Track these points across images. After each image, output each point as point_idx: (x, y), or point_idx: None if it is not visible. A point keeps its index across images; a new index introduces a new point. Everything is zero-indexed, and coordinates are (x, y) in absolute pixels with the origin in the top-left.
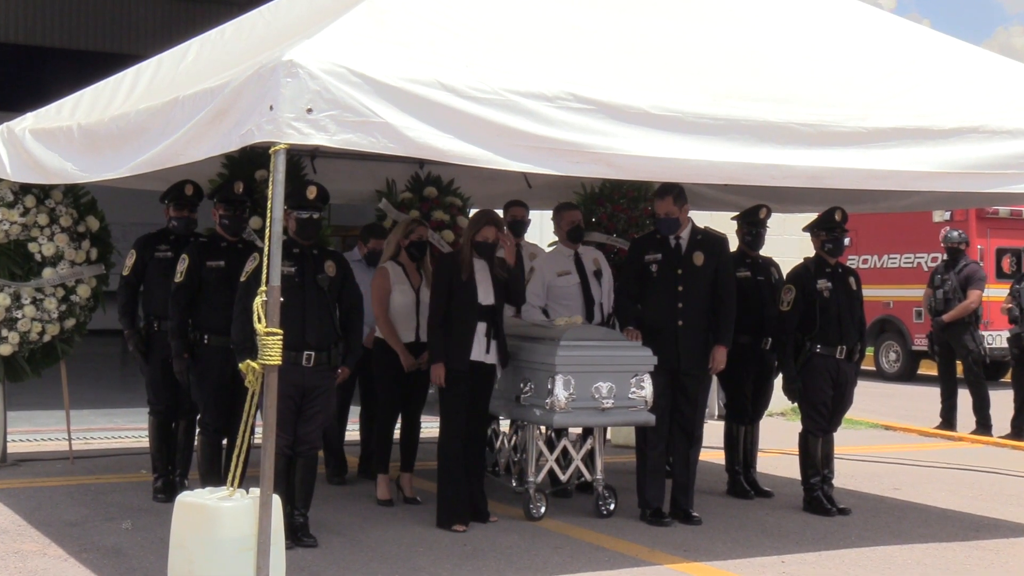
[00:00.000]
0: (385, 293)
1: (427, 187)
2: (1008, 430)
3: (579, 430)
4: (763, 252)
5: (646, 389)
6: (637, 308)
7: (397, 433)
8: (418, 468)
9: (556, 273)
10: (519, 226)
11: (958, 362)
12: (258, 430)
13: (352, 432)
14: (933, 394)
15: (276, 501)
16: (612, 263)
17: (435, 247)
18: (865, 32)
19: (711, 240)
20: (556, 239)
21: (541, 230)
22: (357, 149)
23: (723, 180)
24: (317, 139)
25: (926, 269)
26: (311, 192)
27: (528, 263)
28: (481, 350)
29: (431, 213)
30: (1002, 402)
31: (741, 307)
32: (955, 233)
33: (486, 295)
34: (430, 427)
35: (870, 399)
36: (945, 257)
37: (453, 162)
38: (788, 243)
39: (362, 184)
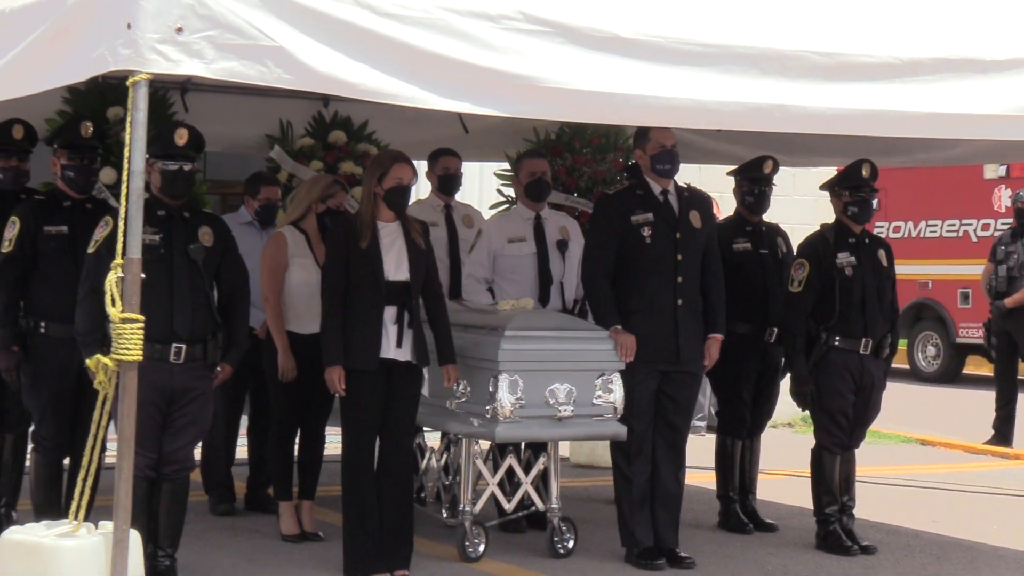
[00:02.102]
0: (279, 267)
1: (333, 131)
2: None
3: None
4: (767, 217)
5: (615, 393)
6: (612, 295)
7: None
8: (322, 494)
9: (507, 238)
10: (450, 181)
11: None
12: (111, 445)
13: (242, 449)
14: (983, 400)
15: (134, 538)
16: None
17: (346, 211)
18: None
19: (699, 198)
20: (504, 200)
21: (480, 187)
22: (242, 81)
23: (716, 125)
24: (189, 67)
25: (975, 239)
26: (181, 137)
27: (464, 228)
28: (390, 344)
29: (338, 165)
30: None
31: (739, 288)
32: None
33: (396, 268)
34: (336, 441)
35: (903, 406)
36: (1013, 223)
37: (367, 99)
38: (800, 206)
39: (248, 127)
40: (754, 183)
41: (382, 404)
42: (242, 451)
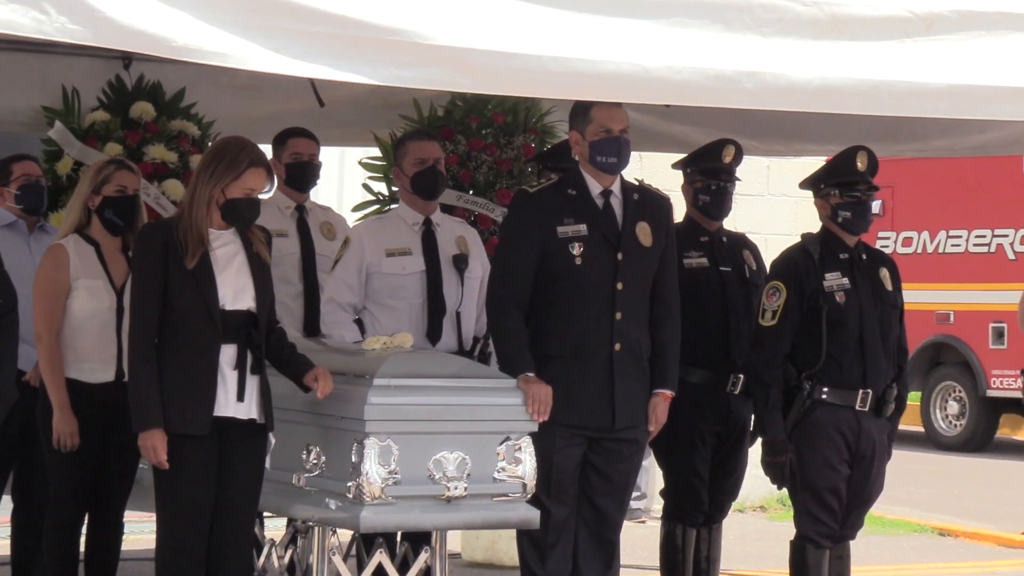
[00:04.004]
0: (58, 292)
1: (137, 103)
2: None
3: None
4: (730, 224)
5: (525, 464)
6: (526, 332)
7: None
8: None
9: (385, 251)
10: (304, 172)
11: None
12: None
13: (2, 541)
14: (1022, 473)
15: None
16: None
17: (152, 211)
18: None
19: (653, 203)
20: (374, 199)
21: (340, 181)
22: (11, 33)
23: (665, 98)
24: None
25: (1012, 256)
26: None
27: (323, 240)
28: (228, 396)
29: (143, 149)
30: None
31: (693, 319)
32: None
33: (236, 293)
34: (142, 532)
35: (915, 483)
36: None
37: (185, 59)
38: (775, 209)
39: (18, 96)
40: (711, 177)
41: (214, 480)
42: (3, 544)
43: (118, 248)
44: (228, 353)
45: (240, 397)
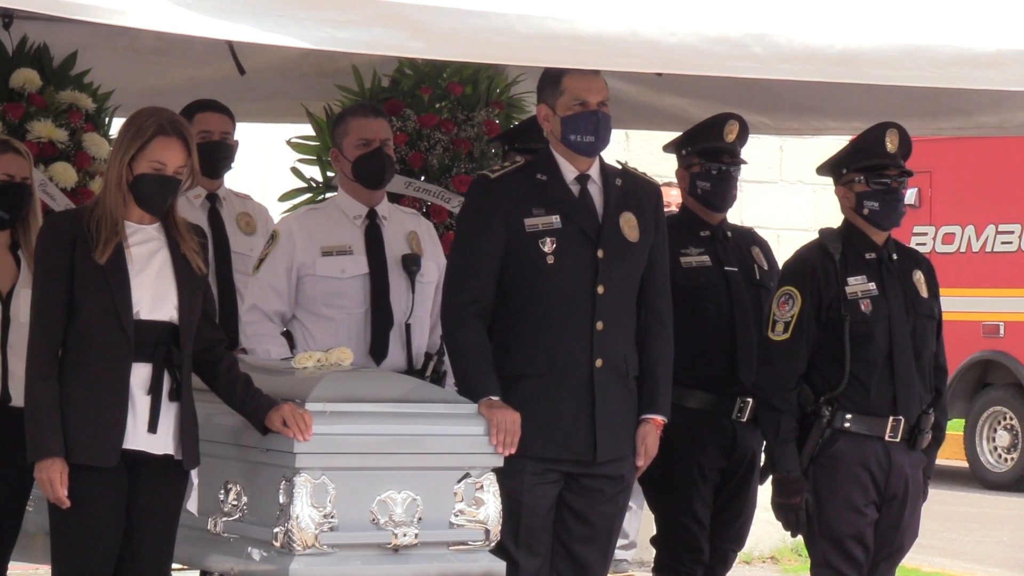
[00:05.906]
0: None
1: (19, 69)
2: None
3: None
4: (735, 217)
5: (488, 506)
6: (488, 347)
7: None
8: None
9: (320, 249)
10: (215, 154)
11: None
12: None
13: None
14: None
15: None
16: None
17: (41, 202)
18: None
19: (640, 190)
20: (307, 185)
21: (265, 164)
22: None
23: (654, 66)
24: None
25: None
26: None
27: (241, 235)
28: (138, 425)
29: (26, 125)
30: None
31: (691, 331)
32: None
33: (155, 300)
34: None
35: (957, 528)
36: None
37: (76, 17)
38: (788, 198)
39: None
40: (711, 160)
41: (121, 524)
42: None
43: (5, 246)
44: (141, 374)
45: (152, 428)
